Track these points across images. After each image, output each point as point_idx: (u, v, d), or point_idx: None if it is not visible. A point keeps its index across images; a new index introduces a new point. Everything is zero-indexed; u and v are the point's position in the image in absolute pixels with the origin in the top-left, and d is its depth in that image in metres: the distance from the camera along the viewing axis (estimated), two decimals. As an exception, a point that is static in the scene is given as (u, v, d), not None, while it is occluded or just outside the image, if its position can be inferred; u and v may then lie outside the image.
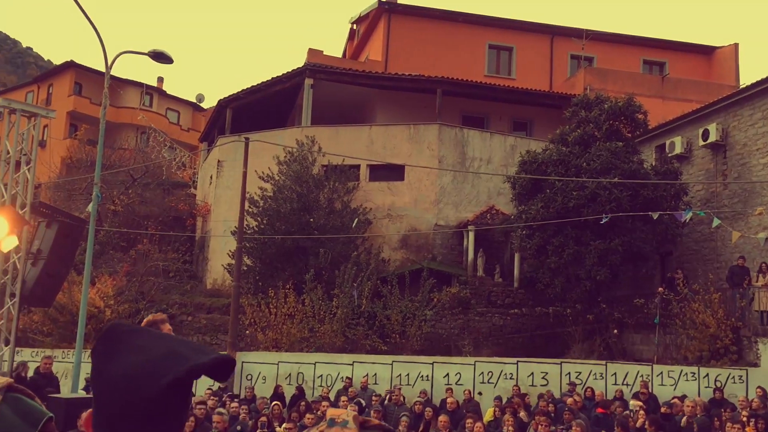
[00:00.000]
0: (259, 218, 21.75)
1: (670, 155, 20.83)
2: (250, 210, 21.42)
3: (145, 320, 3.92)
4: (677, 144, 20.79)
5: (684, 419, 12.05)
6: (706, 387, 15.12)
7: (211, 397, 13.18)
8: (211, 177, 27.17)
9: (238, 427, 11.46)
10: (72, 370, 15.38)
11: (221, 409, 10.34)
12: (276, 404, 12.73)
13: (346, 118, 26.29)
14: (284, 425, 10.40)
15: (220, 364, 1.40)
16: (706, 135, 19.66)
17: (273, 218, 21.42)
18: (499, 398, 14.78)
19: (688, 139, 20.71)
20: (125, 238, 25.46)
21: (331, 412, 1.50)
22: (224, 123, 26.89)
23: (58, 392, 12.13)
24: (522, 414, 13.30)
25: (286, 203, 21.33)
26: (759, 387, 13.77)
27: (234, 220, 20.67)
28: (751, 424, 11.18)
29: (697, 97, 23.21)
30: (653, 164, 20.21)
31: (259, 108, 27.07)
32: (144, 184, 28.69)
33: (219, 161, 25.82)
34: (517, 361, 17.24)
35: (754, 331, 16.10)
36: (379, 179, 24.24)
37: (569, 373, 16.51)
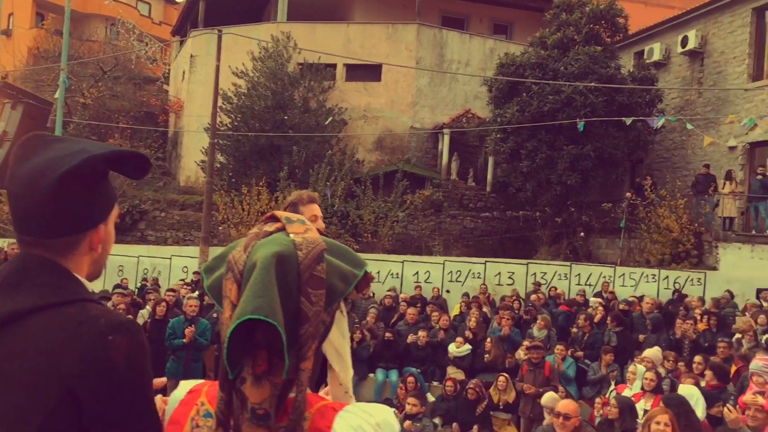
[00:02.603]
0: (232, 115, 21.43)
1: (647, 62, 20.70)
2: (224, 107, 21.07)
3: (288, 200, 3.03)
4: (656, 50, 20.64)
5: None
6: (665, 288, 15.64)
7: (184, 286, 13.49)
8: (183, 72, 26.50)
9: (215, 314, 11.74)
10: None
11: (192, 295, 10.54)
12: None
13: (323, 15, 25.53)
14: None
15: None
16: (685, 42, 19.51)
17: (247, 115, 21.13)
18: (466, 295, 15.22)
19: (667, 45, 20.56)
20: (96, 132, 24.98)
21: (280, 214, 1.35)
22: (197, 16, 25.98)
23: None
24: (486, 309, 13.75)
25: (261, 100, 20.99)
26: (727, 291, 14.24)
27: (207, 117, 20.33)
28: (703, 320, 11.68)
29: (679, 3, 22.78)
30: (630, 70, 20.11)
31: (234, 1, 26.13)
32: (114, 78, 27.92)
33: (192, 56, 25.14)
34: (485, 261, 17.64)
35: (716, 236, 16.55)
36: (355, 79, 23.85)
37: (535, 273, 16.96)
